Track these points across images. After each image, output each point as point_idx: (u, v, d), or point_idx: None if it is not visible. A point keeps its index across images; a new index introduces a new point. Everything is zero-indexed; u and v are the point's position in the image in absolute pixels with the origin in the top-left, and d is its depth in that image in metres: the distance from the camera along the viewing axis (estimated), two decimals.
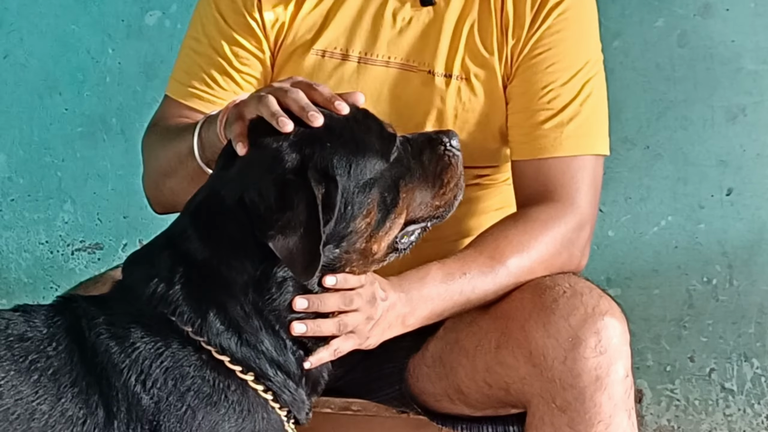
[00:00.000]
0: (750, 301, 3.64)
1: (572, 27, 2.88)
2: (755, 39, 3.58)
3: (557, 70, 2.85)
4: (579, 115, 2.83)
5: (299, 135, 2.37)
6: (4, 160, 3.92)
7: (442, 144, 2.51)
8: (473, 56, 2.87)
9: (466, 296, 2.70)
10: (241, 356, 2.35)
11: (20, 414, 2.26)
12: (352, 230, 2.39)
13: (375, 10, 2.90)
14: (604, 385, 2.60)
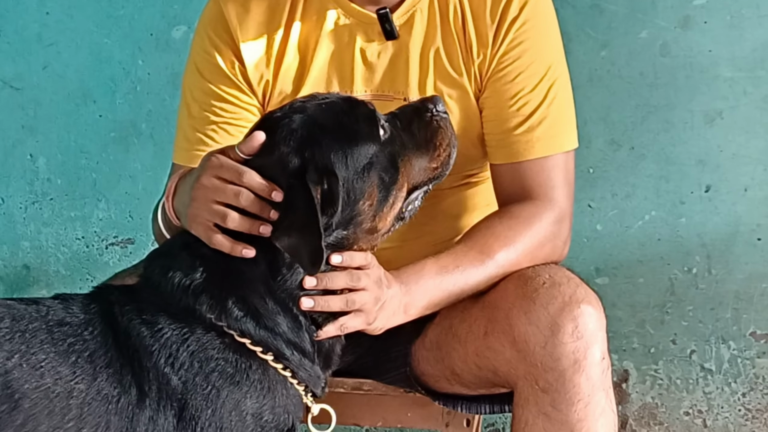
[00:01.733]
0: (727, 288, 3.68)
1: (532, 37, 2.89)
2: (731, 49, 3.61)
3: (523, 79, 2.87)
4: (547, 118, 2.86)
5: (296, 139, 2.42)
6: (44, 162, 3.94)
7: (428, 111, 2.57)
8: (443, 79, 2.91)
9: (459, 287, 2.74)
10: (260, 338, 2.39)
11: (60, 392, 2.28)
12: (356, 213, 2.44)
13: (345, 51, 2.92)
14: (582, 368, 2.63)
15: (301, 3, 2.93)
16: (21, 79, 3.94)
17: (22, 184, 3.96)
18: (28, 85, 3.94)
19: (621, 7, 3.64)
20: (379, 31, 2.89)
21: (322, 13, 2.92)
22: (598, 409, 2.66)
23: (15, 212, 3.98)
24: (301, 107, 2.51)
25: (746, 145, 3.63)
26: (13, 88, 3.93)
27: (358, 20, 2.90)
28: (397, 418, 3.13)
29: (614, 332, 3.67)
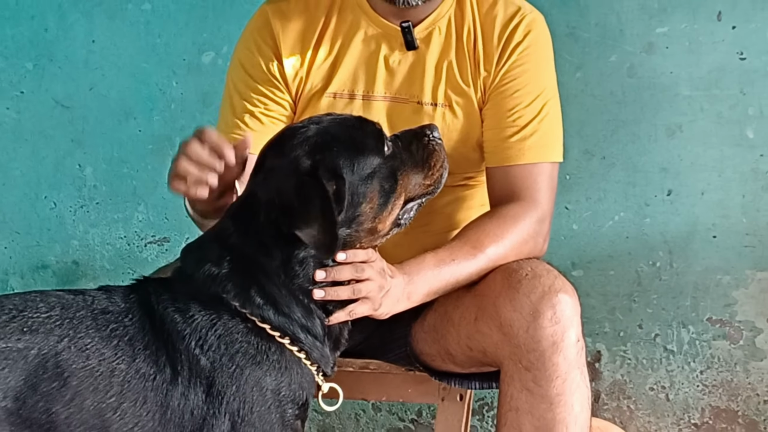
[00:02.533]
0: (686, 280, 3.68)
1: (532, 61, 2.90)
2: (689, 70, 3.61)
3: (521, 96, 2.88)
4: (538, 131, 2.87)
5: (310, 144, 2.43)
6: (91, 171, 3.94)
7: (426, 136, 2.58)
8: (454, 88, 2.92)
9: (455, 278, 2.74)
10: (278, 324, 2.41)
11: (103, 371, 2.29)
12: (359, 214, 2.44)
13: (371, 57, 2.93)
14: (559, 349, 2.65)
15: (335, 14, 2.96)
16: (70, 99, 3.93)
17: (72, 190, 3.96)
18: (77, 104, 3.93)
19: (593, 34, 3.64)
20: (401, 41, 2.91)
21: (354, 24, 2.95)
22: (574, 384, 2.68)
23: (66, 215, 3.97)
24: (318, 120, 2.53)
25: (703, 155, 3.63)
26: (63, 106, 3.93)
27: (384, 31, 2.92)
28: (399, 393, 3.14)
29: (588, 318, 3.63)
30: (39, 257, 4.00)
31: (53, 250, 4.00)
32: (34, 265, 4.01)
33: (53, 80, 3.93)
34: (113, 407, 2.29)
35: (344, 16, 2.94)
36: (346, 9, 2.95)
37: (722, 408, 3.69)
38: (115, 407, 2.29)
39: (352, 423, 3.89)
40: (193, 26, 3.82)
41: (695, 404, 3.71)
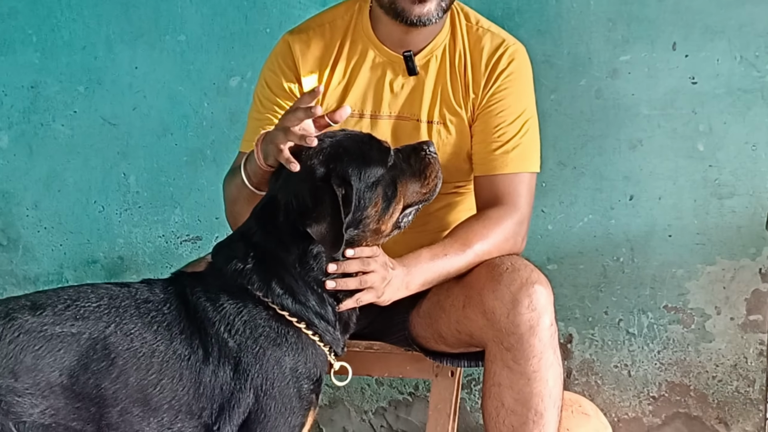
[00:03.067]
0: (645, 273, 3.67)
1: (514, 85, 2.91)
2: (648, 93, 3.60)
3: (505, 115, 2.89)
4: (520, 146, 2.88)
5: (324, 154, 2.45)
6: (134, 180, 3.93)
7: (423, 150, 2.59)
8: (448, 108, 2.93)
9: (446, 270, 2.76)
10: (295, 311, 2.43)
11: (145, 352, 2.32)
12: (365, 217, 2.47)
13: (378, 82, 2.93)
14: (535, 332, 2.67)
15: (347, 44, 2.96)
16: (116, 118, 3.93)
17: (118, 195, 3.96)
18: (122, 122, 3.93)
19: (565, 62, 3.63)
20: (404, 68, 2.91)
21: (363, 53, 2.95)
22: (548, 362, 2.70)
23: (112, 217, 3.97)
24: (333, 134, 2.54)
25: (660, 166, 3.61)
26: (110, 124, 3.93)
27: (389, 59, 2.92)
28: (399, 370, 3.14)
29: (561, 305, 3.63)
30: (89, 253, 4.00)
31: (102, 247, 3.99)
32: (85, 261, 4.00)
33: (101, 101, 3.93)
34: (153, 383, 2.31)
35: (355, 45, 2.95)
36: (357, 40, 2.95)
37: (676, 383, 3.68)
38: (155, 383, 2.31)
39: (359, 395, 3.89)
40: (221, 55, 3.81)
41: (653, 380, 3.70)
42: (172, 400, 2.31)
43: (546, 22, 3.61)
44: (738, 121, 3.54)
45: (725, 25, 3.51)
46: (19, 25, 3.94)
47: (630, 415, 3.73)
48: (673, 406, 3.70)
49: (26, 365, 2.22)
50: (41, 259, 4.04)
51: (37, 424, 2.24)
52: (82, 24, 3.90)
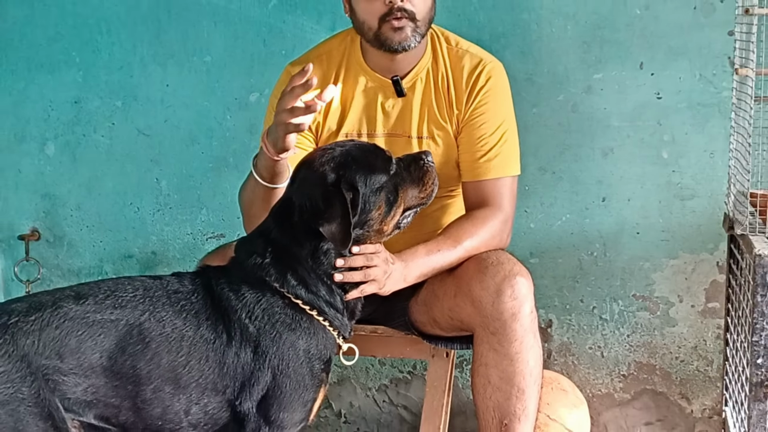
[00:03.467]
0: (616, 266, 3.67)
1: (492, 100, 2.92)
2: (618, 107, 3.60)
3: (485, 127, 2.91)
4: (500, 154, 2.90)
5: (335, 162, 2.46)
6: (165, 184, 3.93)
7: (422, 159, 2.59)
8: (435, 124, 2.94)
9: (440, 264, 2.79)
10: (308, 299, 2.45)
11: (175, 337, 2.34)
12: (370, 218, 2.49)
13: (371, 104, 2.96)
14: (517, 318, 2.70)
15: (342, 72, 2.97)
16: (150, 129, 3.93)
17: (151, 198, 3.96)
18: (155, 133, 3.92)
19: (545, 80, 3.62)
20: (392, 91, 2.92)
21: (356, 79, 2.96)
22: (529, 345, 2.74)
23: (146, 216, 3.97)
24: (343, 143, 2.57)
25: (629, 171, 3.62)
26: (144, 135, 3.93)
27: (379, 84, 2.94)
28: (400, 351, 3.17)
29: (542, 294, 3.65)
30: (126, 249, 4.00)
31: (137, 243, 3.99)
32: (122, 255, 4.00)
33: (136, 115, 3.93)
34: (183, 364, 2.32)
35: (349, 73, 2.96)
36: (350, 68, 2.96)
37: (644, 363, 3.69)
38: (185, 364, 2.33)
39: (364, 374, 3.89)
40: (242, 74, 3.80)
41: (623, 360, 3.70)
42: (199, 379, 2.33)
43: (528, 44, 3.61)
44: (698, 131, 3.54)
45: (686, 48, 3.52)
46: (64, 48, 3.94)
47: (603, 391, 3.73)
48: (641, 383, 3.71)
49: (70, 348, 2.23)
50: (83, 254, 4.03)
51: (80, 401, 2.26)
52: (120, 46, 3.90)
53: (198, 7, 3.82)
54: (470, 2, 3.61)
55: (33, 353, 2.19)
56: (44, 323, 2.23)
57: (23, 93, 4.00)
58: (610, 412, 3.74)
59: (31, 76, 3.98)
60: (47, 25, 3.94)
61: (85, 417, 2.28)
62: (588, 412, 3.57)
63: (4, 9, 3.95)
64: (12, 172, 4.05)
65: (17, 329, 2.20)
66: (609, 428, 3.74)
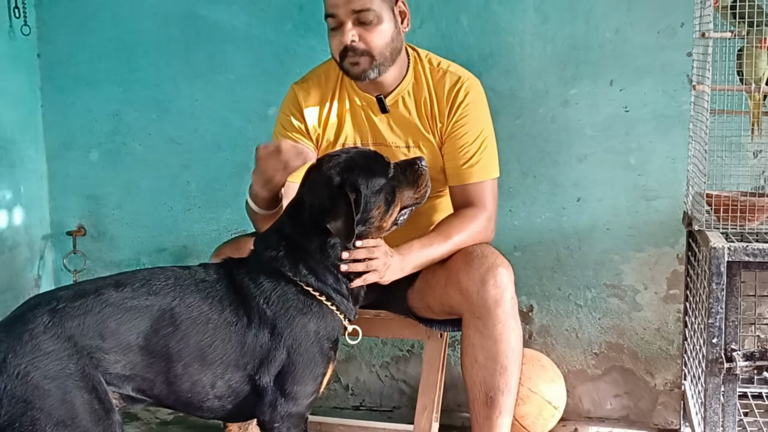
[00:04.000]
0: (590, 258, 3.67)
1: (471, 113, 2.92)
2: (591, 119, 3.59)
3: (466, 137, 2.92)
4: (481, 160, 2.90)
5: (340, 167, 2.47)
6: (194, 186, 3.93)
7: (416, 164, 2.59)
8: (419, 135, 2.96)
9: (432, 257, 2.80)
10: (317, 287, 2.46)
11: (202, 320, 2.35)
12: (370, 216, 2.50)
13: (360, 119, 2.97)
14: (499, 304, 2.71)
15: (337, 91, 2.99)
16: (180, 138, 3.93)
17: (182, 198, 3.96)
18: (185, 142, 3.93)
19: (527, 94, 3.61)
20: (377, 108, 2.93)
21: (350, 97, 2.99)
22: (510, 328, 2.75)
23: (178, 215, 3.98)
24: (347, 150, 2.58)
25: (601, 175, 3.61)
26: (176, 143, 3.93)
27: (366, 102, 2.96)
28: (399, 333, 3.19)
29: (524, 283, 3.67)
30: (160, 243, 4.01)
31: (169, 238, 4.00)
32: (156, 249, 4.01)
33: (169, 126, 3.93)
34: (209, 344, 2.34)
35: (343, 92, 2.99)
36: (344, 88, 2.99)
37: (613, 343, 3.69)
38: (210, 343, 2.34)
39: (368, 352, 3.89)
40: (261, 89, 3.80)
41: (596, 340, 3.70)
42: (223, 357, 2.34)
43: (512, 63, 3.60)
44: (661, 140, 3.53)
45: (651, 67, 3.51)
46: (106, 67, 3.94)
47: (577, 367, 3.73)
48: (610, 360, 3.70)
49: (110, 330, 2.25)
50: (123, 247, 4.04)
51: (119, 376, 2.27)
52: (154, 66, 3.90)
53: (223, 32, 3.82)
54: (461, 27, 3.61)
55: (78, 334, 2.21)
56: (87, 308, 2.24)
57: (71, 107, 4.00)
58: (584, 386, 3.74)
59: (78, 92, 3.98)
60: (91, 47, 3.95)
61: (124, 390, 2.30)
62: (564, 385, 3.57)
63: (55, 33, 3.96)
64: (61, 176, 4.06)
65: (64, 313, 2.22)
66: (583, 400, 3.74)
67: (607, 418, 3.73)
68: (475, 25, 3.60)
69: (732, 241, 2.73)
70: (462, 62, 3.11)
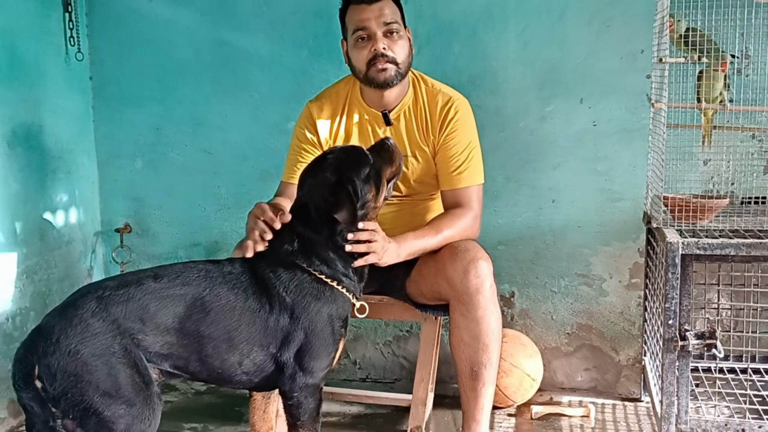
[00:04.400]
0: (563, 252, 3.65)
1: (460, 128, 2.92)
2: (565, 132, 3.58)
3: (455, 148, 2.92)
4: (468, 168, 2.91)
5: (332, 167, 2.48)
6: (224, 190, 3.93)
7: (386, 144, 2.59)
8: (416, 146, 2.96)
9: (424, 246, 2.81)
10: (329, 274, 2.46)
11: (229, 307, 2.35)
12: (366, 201, 2.50)
13: (367, 131, 2.96)
14: (480, 292, 2.72)
15: (346, 106, 2.99)
16: (212, 148, 3.93)
17: (213, 201, 3.96)
18: (216, 152, 3.92)
19: (510, 111, 3.61)
20: (382, 121, 2.94)
21: (358, 112, 2.99)
22: (490, 311, 2.75)
23: (210, 215, 3.98)
24: (331, 151, 2.57)
25: (573, 180, 3.60)
26: (208, 153, 3.93)
27: (372, 116, 2.97)
28: (400, 315, 3.18)
29: (507, 273, 3.68)
30: (195, 239, 4.00)
31: (203, 234, 3.99)
32: (192, 243, 4.01)
33: (203, 138, 3.93)
34: (235, 327, 2.34)
35: (351, 107, 2.99)
36: (352, 104, 2.99)
37: (583, 324, 3.69)
38: (236, 327, 2.35)
39: (373, 332, 3.90)
40: (281, 106, 3.79)
41: (568, 322, 3.70)
42: (248, 338, 2.35)
43: (497, 84, 3.60)
44: (624, 150, 3.53)
45: (615, 87, 3.51)
46: (148, 88, 3.95)
47: (552, 345, 3.73)
48: (581, 339, 3.70)
49: (150, 314, 2.25)
50: (163, 242, 4.04)
51: (158, 354, 2.28)
52: (190, 86, 3.91)
53: (248, 57, 3.82)
54: (453, 53, 3.61)
55: (121, 318, 2.21)
56: (130, 296, 2.25)
57: (118, 122, 4.00)
58: (558, 361, 3.74)
59: (124, 109, 3.99)
60: (136, 70, 3.95)
61: (163, 366, 2.30)
62: (541, 361, 3.58)
63: (104, 59, 3.97)
64: (110, 182, 4.06)
65: (109, 300, 2.22)
66: (557, 373, 3.74)
67: (578, 389, 3.73)
68: (464, 52, 3.61)
69: (685, 237, 2.74)
70: (453, 83, 3.13)
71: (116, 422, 2.15)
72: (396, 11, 2.88)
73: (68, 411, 2.14)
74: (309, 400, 2.43)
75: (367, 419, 3.38)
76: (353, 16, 2.86)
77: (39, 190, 3.63)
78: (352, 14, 2.86)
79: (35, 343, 2.15)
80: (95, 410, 2.13)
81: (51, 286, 3.69)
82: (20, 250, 3.50)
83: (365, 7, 2.83)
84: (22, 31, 3.50)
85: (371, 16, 2.81)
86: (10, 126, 3.43)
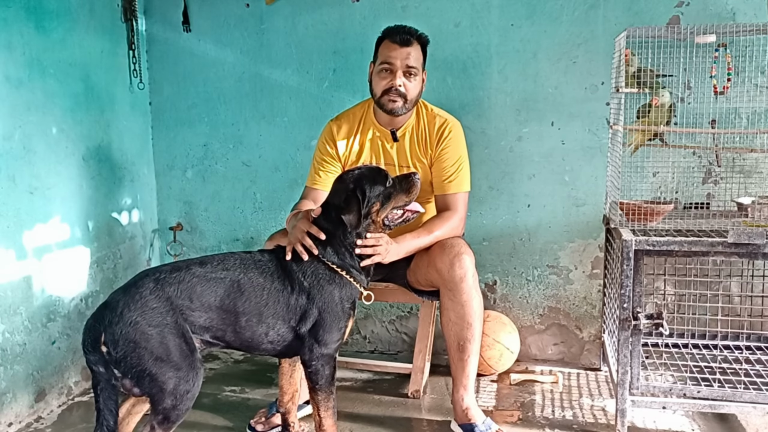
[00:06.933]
0: (536, 247, 3.63)
1: (452, 145, 2.90)
2: (538, 149, 3.56)
3: (448, 162, 2.90)
4: (457, 178, 2.88)
5: (353, 178, 2.46)
6: (260, 196, 3.91)
7: (411, 177, 2.55)
8: (417, 158, 2.94)
9: (419, 244, 2.78)
10: (340, 264, 2.44)
11: (259, 288, 2.34)
12: (370, 212, 2.46)
13: (377, 147, 2.94)
14: (464, 280, 2.70)
15: (361, 125, 2.97)
16: (249, 162, 3.92)
17: (250, 204, 3.95)
18: (253, 165, 3.92)
19: (493, 132, 3.59)
20: (390, 138, 2.92)
21: (372, 130, 2.96)
22: (472, 296, 2.74)
23: (248, 216, 3.97)
24: (360, 167, 2.55)
25: (545, 189, 3.58)
26: (246, 165, 3.93)
27: (382, 134, 2.95)
28: (402, 299, 3.15)
29: (490, 264, 3.66)
30: (234, 235, 4.00)
31: (241, 232, 3.98)
32: (232, 239, 4.00)
33: (242, 152, 3.92)
34: (264, 304, 2.35)
35: (365, 126, 2.97)
36: (366, 123, 2.97)
37: (553, 307, 3.66)
38: (265, 303, 2.35)
39: (380, 312, 3.88)
40: (306, 128, 3.79)
41: (540, 304, 3.68)
42: (274, 314, 2.35)
43: (483, 110, 3.58)
44: (587, 164, 3.51)
45: (580, 113, 3.49)
46: (198, 112, 3.96)
47: (527, 324, 3.71)
48: (551, 319, 3.68)
49: (196, 294, 2.26)
50: (209, 238, 4.04)
51: (201, 327, 2.29)
52: (231, 111, 3.90)
53: (280, 87, 3.82)
54: (447, 85, 3.60)
55: (174, 296, 2.22)
56: (181, 278, 2.26)
57: (173, 140, 4.01)
58: (532, 337, 3.72)
59: (177, 129, 3.99)
60: (188, 97, 3.96)
61: (204, 337, 2.31)
62: (519, 336, 3.56)
63: (162, 87, 3.98)
64: (165, 188, 4.07)
65: (164, 282, 2.24)
66: (531, 347, 3.72)
67: (548, 360, 3.70)
68: (456, 84, 3.60)
69: (638, 236, 2.73)
70: (447, 109, 3.13)
71: (166, 382, 2.16)
72: (420, 57, 2.85)
73: (127, 372, 2.15)
74: (325, 367, 2.42)
75: (374, 384, 3.37)
76: (385, 50, 2.82)
77: (108, 195, 3.64)
78: (384, 48, 2.83)
79: (102, 315, 2.17)
80: (149, 372, 2.14)
81: (117, 273, 3.70)
82: (92, 244, 3.52)
83: (397, 47, 2.80)
84: (95, 65, 3.53)
85: (399, 56, 2.79)
86: (85, 143, 3.46)
